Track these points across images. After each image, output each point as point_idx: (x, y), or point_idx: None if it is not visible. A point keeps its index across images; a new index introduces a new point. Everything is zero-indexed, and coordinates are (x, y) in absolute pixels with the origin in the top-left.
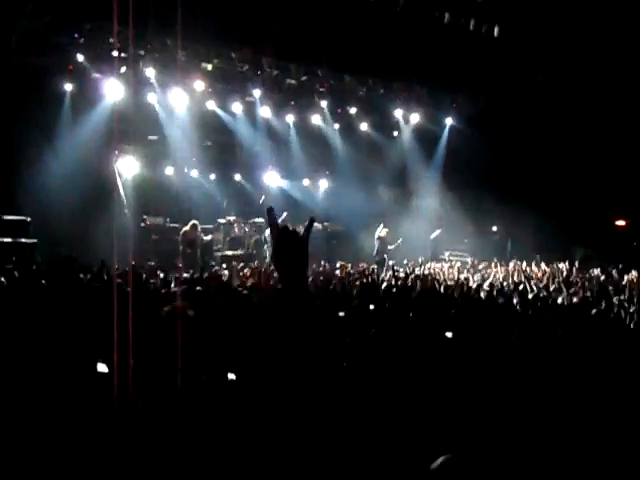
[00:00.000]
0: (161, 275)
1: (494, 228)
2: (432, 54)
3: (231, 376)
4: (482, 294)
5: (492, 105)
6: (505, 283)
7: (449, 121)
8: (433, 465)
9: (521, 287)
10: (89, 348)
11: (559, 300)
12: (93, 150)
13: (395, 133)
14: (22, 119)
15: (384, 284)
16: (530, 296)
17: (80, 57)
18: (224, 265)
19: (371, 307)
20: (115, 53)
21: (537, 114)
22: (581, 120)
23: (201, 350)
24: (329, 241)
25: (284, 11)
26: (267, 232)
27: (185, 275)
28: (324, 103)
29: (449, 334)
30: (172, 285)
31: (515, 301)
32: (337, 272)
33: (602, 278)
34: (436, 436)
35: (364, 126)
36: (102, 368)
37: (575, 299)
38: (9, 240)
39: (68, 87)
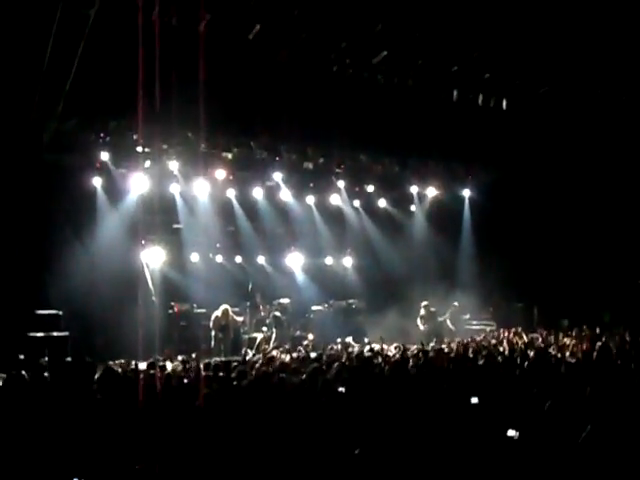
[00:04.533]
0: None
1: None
2: (444, 129)
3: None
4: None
5: (507, 174)
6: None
7: (467, 192)
8: None
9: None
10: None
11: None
12: (121, 242)
13: (413, 207)
14: (53, 215)
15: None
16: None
17: (106, 154)
18: (250, 348)
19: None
20: (139, 149)
21: (554, 179)
22: (599, 183)
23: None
24: (355, 318)
25: (297, 97)
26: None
27: (214, 360)
28: (342, 183)
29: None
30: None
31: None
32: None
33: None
34: None
35: (382, 202)
36: None
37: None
38: (42, 335)
39: (97, 182)
